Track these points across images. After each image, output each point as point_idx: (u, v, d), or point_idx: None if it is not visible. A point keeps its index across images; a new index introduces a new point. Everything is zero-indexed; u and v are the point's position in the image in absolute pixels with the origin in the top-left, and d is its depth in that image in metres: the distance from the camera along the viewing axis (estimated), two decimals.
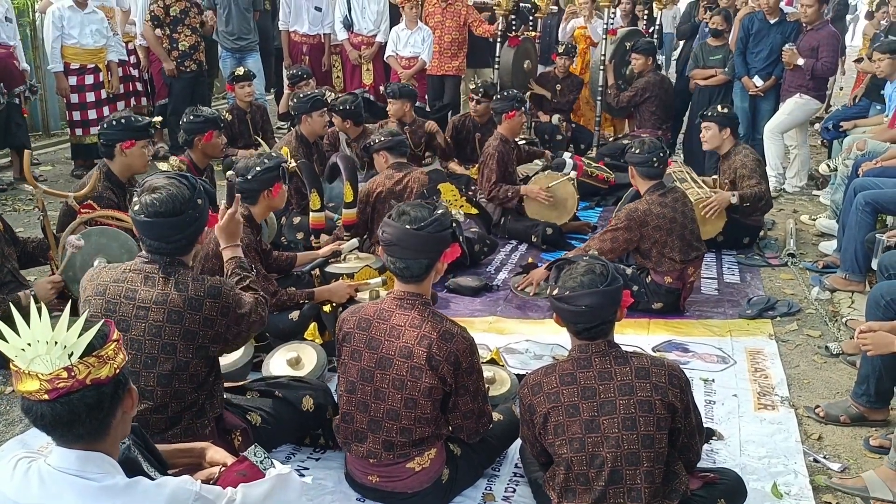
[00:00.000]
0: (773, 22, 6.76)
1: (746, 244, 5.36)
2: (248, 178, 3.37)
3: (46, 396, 1.56)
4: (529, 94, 7.72)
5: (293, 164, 4.35)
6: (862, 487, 2.72)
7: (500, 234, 5.55)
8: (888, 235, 4.03)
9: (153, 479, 1.76)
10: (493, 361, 3.51)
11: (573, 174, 5.60)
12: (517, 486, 2.80)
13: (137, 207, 2.39)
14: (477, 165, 5.76)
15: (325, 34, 8.27)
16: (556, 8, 9.48)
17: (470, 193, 5.36)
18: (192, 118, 4.48)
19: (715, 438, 3.09)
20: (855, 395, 3.25)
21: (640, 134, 6.77)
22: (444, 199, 4.61)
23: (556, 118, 7.70)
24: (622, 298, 2.38)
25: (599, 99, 7.52)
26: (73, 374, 1.56)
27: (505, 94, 5.62)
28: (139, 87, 7.82)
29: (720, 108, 5.26)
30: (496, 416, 2.78)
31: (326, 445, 2.98)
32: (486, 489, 2.77)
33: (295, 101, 5.37)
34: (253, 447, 2.05)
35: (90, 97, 6.88)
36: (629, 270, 4.31)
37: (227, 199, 2.98)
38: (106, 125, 4.05)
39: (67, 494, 1.60)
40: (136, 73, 7.75)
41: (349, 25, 8.04)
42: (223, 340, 2.49)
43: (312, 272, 4.09)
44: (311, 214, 4.58)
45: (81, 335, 1.58)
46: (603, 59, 7.41)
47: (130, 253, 3.54)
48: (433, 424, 2.54)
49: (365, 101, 6.09)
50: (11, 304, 2.84)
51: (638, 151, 4.19)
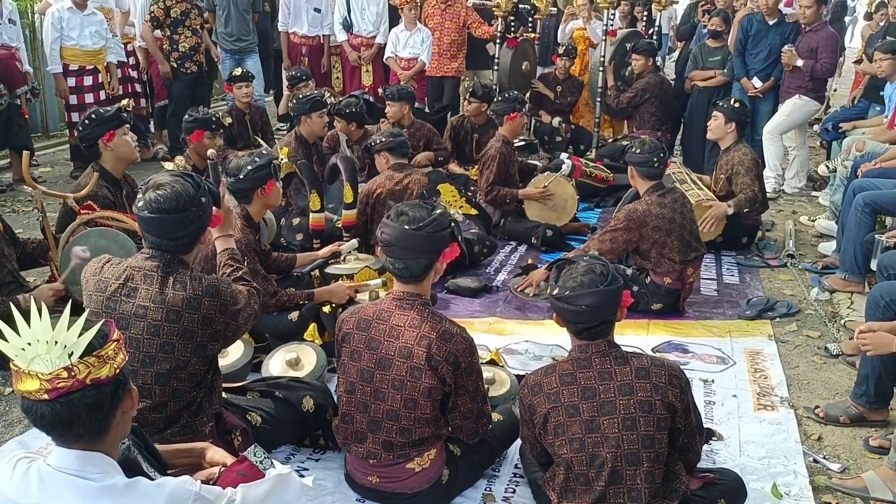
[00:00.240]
0: (771, 23, 6.77)
1: (745, 244, 5.36)
2: (239, 177, 3.37)
3: (46, 396, 1.56)
4: (530, 94, 7.72)
5: (285, 159, 4.37)
6: (862, 488, 2.72)
7: (499, 235, 5.55)
8: (887, 236, 4.04)
9: (153, 479, 1.76)
10: (492, 362, 3.51)
11: (566, 168, 5.50)
12: (517, 486, 2.79)
13: (141, 204, 2.39)
14: (477, 166, 5.76)
15: (324, 35, 8.27)
16: (554, 9, 9.49)
17: (469, 194, 5.36)
18: (185, 119, 4.60)
19: (715, 439, 3.09)
20: (854, 395, 3.25)
21: (639, 135, 6.76)
22: (443, 199, 4.61)
23: (556, 121, 7.70)
24: (622, 298, 2.38)
25: (598, 100, 7.51)
26: (73, 373, 1.56)
27: (506, 95, 5.61)
28: (138, 88, 7.81)
29: (734, 101, 5.25)
30: (496, 416, 2.78)
31: (326, 446, 2.97)
32: (485, 490, 2.77)
33: (294, 102, 5.37)
34: (253, 447, 2.05)
35: (89, 98, 6.87)
36: (629, 271, 4.31)
37: (212, 178, 3.00)
38: (80, 127, 4.07)
39: (67, 494, 1.60)
40: (135, 74, 7.75)
41: (348, 27, 8.04)
42: (222, 338, 2.49)
43: (312, 273, 4.10)
44: (310, 215, 4.58)
45: (81, 335, 1.58)
46: (602, 60, 7.41)
47: (129, 255, 3.53)
48: (433, 425, 2.54)
49: (364, 102, 6.09)
50: (11, 304, 2.84)
51: (638, 151, 4.19)
